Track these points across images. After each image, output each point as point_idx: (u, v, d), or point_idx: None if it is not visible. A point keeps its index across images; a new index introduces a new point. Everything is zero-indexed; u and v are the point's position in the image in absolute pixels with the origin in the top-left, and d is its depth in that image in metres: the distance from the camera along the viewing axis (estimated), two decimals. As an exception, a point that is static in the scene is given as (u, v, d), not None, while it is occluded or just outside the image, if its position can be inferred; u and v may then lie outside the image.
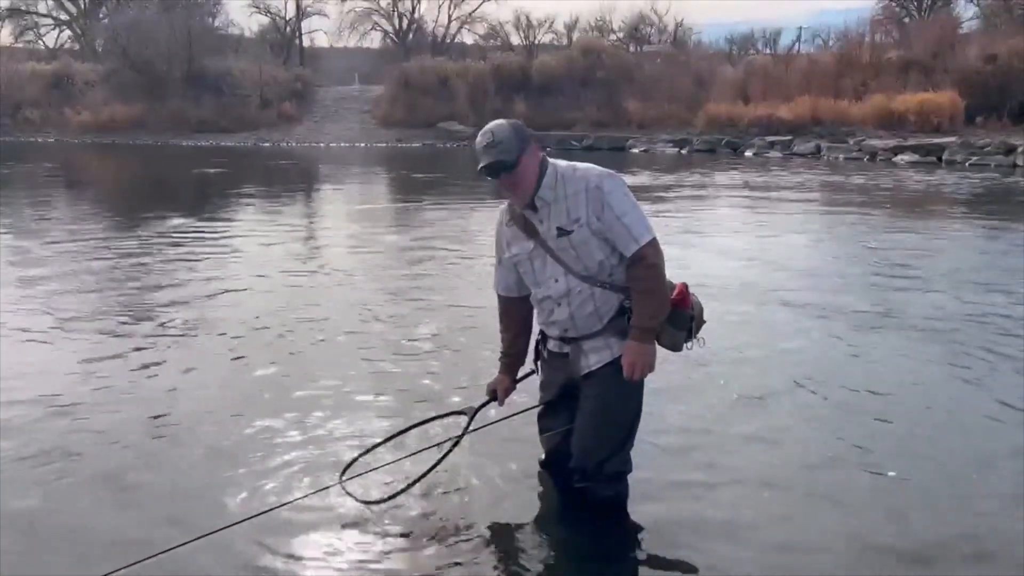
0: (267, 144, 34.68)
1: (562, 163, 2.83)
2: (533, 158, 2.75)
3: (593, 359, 2.86)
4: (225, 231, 10.62)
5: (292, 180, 20.13)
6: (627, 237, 2.72)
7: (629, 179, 18.72)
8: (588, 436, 2.90)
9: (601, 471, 2.93)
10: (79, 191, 17.33)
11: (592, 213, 2.73)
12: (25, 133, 36.49)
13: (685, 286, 2.88)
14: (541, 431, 3.13)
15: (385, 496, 3.03)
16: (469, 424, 3.10)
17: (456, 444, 3.06)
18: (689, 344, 2.92)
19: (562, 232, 2.76)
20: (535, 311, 3.02)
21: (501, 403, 3.13)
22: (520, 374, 3.13)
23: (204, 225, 11.03)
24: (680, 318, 2.86)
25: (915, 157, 23.93)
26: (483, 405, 3.14)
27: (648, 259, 2.74)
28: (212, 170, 21.74)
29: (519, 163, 2.71)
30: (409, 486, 3.01)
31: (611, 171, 2.80)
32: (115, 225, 11.35)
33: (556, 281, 2.82)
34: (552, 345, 2.97)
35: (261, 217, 12.49)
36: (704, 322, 2.97)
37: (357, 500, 3.01)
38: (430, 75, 38.33)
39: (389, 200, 16.18)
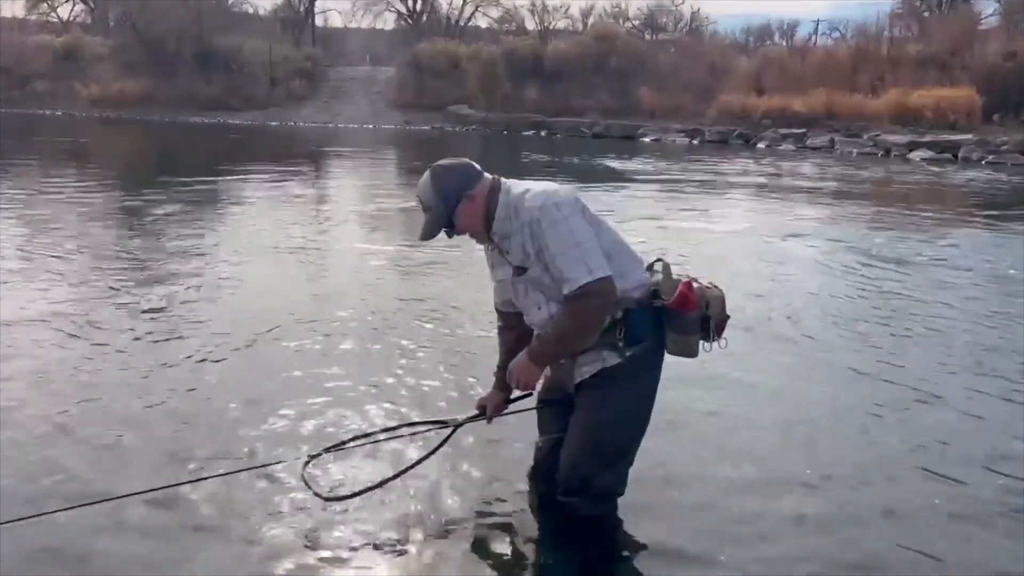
0: (275, 123, 34.48)
1: (518, 188, 2.57)
2: (473, 202, 2.54)
3: (586, 369, 2.65)
4: (225, 212, 10.47)
5: (297, 160, 19.88)
6: (563, 280, 2.46)
7: (638, 166, 18.63)
8: (575, 447, 2.69)
9: (587, 487, 2.70)
10: (85, 165, 17.18)
11: (534, 250, 2.51)
12: (34, 106, 36.37)
13: (687, 285, 2.58)
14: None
15: (342, 495, 2.89)
16: (447, 439, 2.93)
17: (426, 458, 2.90)
18: (708, 346, 2.65)
19: (519, 270, 2.57)
20: None
21: (489, 420, 2.93)
22: (515, 394, 2.89)
23: (205, 204, 10.88)
24: (683, 322, 2.59)
25: (930, 154, 23.56)
26: (468, 420, 2.94)
27: (577, 302, 2.46)
28: (220, 147, 21.62)
29: (455, 216, 2.55)
30: (366, 491, 2.87)
31: (560, 195, 2.49)
32: (115, 204, 11.19)
33: (539, 308, 2.62)
34: None
35: (263, 198, 12.22)
36: (727, 316, 2.67)
37: (314, 493, 2.86)
38: (441, 58, 38.01)
39: (393, 186, 15.96)
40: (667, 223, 10.32)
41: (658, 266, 2.71)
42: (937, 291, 6.81)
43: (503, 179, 2.63)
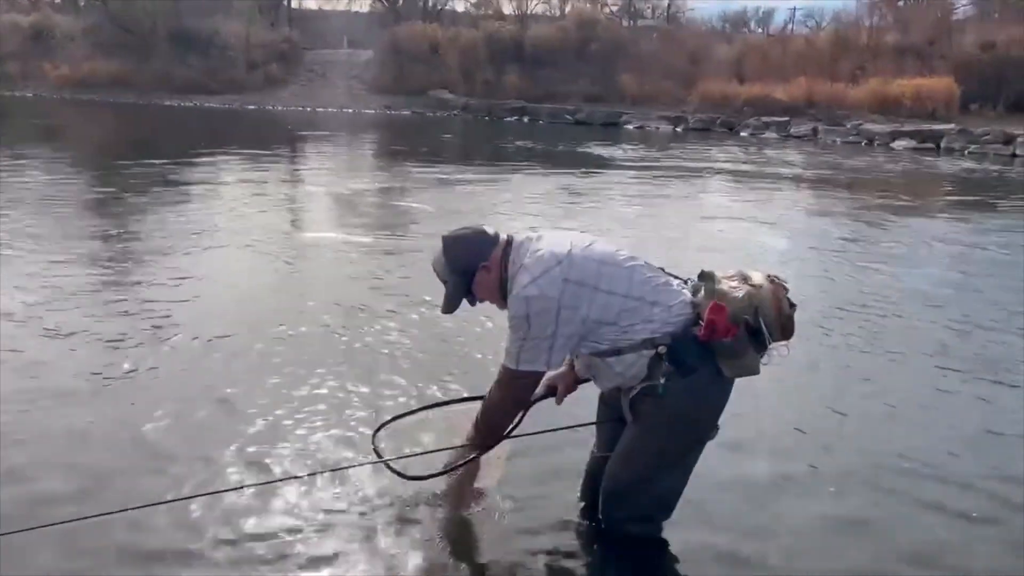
0: (252, 107, 33.90)
1: (520, 255, 2.48)
2: (489, 272, 2.51)
3: (639, 387, 2.49)
4: (194, 200, 10.06)
5: (274, 145, 19.50)
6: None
7: (625, 153, 18.56)
8: (616, 458, 2.62)
9: (621, 504, 2.61)
10: (51, 148, 16.71)
11: None
12: (3, 88, 35.38)
13: (715, 309, 2.35)
14: None
15: (417, 474, 2.78)
16: (523, 417, 2.74)
17: (506, 437, 2.74)
18: (765, 359, 2.45)
19: None
20: None
21: (559, 401, 2.75)
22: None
23: (174, 191, 10.48)
24: (725, 348, 2.38)
25: (913, 143, 23.78)
26: (539, 399, 2.76)
27: (497, 383, 2.56)
28: (194, 131, 21.11)
29: (474, 287, 2.55)
30: (447, 471, 2.75)
31: (536, 287, 2.38)
32: (77, 191, 10.86)
33: (577, 357, 2.58)
34: None
35: (236, 185, 11.82)
36: (791, 309, 2.42)
37: (393, 470, 2.77)
38: (420, 41, 37.55)
39: (376, 174, 15.72)
40: (655, 211, 10.36)
41: (696, 282, 2.52)
42: (921, 285, 6.82)
43: (514, 238, 2.55)
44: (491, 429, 2.66)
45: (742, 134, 27.52)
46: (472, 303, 2.61)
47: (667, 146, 21.59)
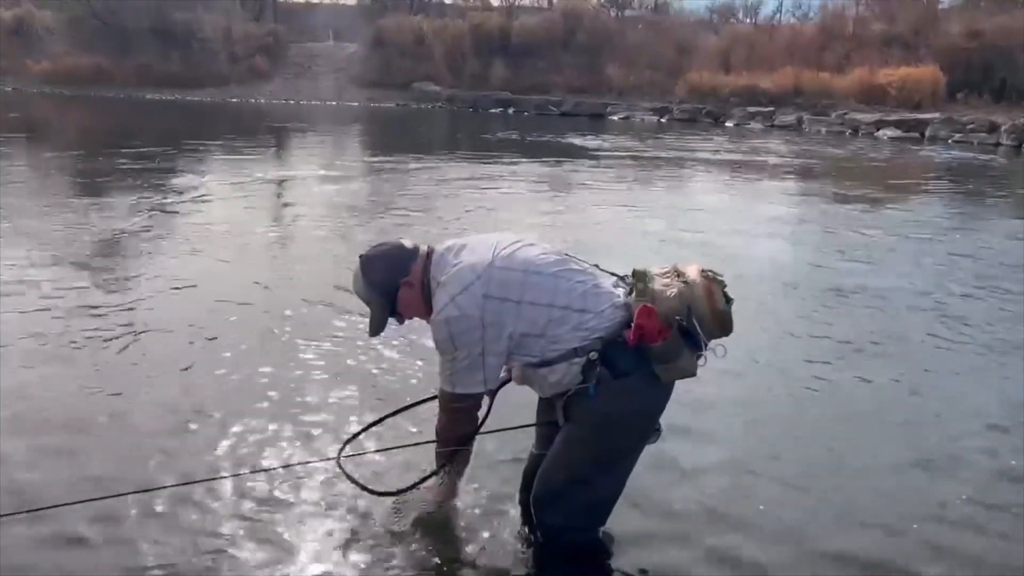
0: (235, 100, 33.63)
1: (439, 272, 2.40)
2: (412, 289, 2.42)
3: (573, 389, 2.38)
4: (171, 195, 9.90)
5: (256, 138, 19.29)
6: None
7: (600, 144, 18.43)
8: (547, 460, 2.51)
9: (549, 511, 2.49)
10: (26, 143, 16.49)
11: None
12: (-17, 81, 35.06)
13: (644, 312, 2.23)
14: None
15: (393, 489, 2.73)
16: (490, 408, 2.59)
17: (478, 432, 2.62)
18: (702, 360, 2.32)
19: None
20: None
21: (519, 382, 2.60)
22: None
23: (150, 187, 10.31)
24: (656, 352, 2.26)
25: (898, 132, 23.69)
26: (501, 385, 2.60)
27: (440, 409, 2.54)
28: (175, 125, 20.91)
29: (398, 305, 2.47)
30: (423, 480, 2.68)
31: (454, 307, 2.30)
32: (49, 186, 10.67)
33: (511, 369, 2.47)
34: None
35: (214, 179, 11.64)
36: (727, 304, 2.29)
37: (361, 486, 2.70)
38: (406, 33, 37.27)
39: (355, 167, 15.54)
40: (619, 199, 10.31)
41: (631, 281, 2.37)
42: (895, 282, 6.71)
43: (435, 249, 2.47)
44: (442, 448, 2.60)
45: (727, 124, 27.43)
46: (400, 322, 2.51)
47: (647, 137, 21.43)
